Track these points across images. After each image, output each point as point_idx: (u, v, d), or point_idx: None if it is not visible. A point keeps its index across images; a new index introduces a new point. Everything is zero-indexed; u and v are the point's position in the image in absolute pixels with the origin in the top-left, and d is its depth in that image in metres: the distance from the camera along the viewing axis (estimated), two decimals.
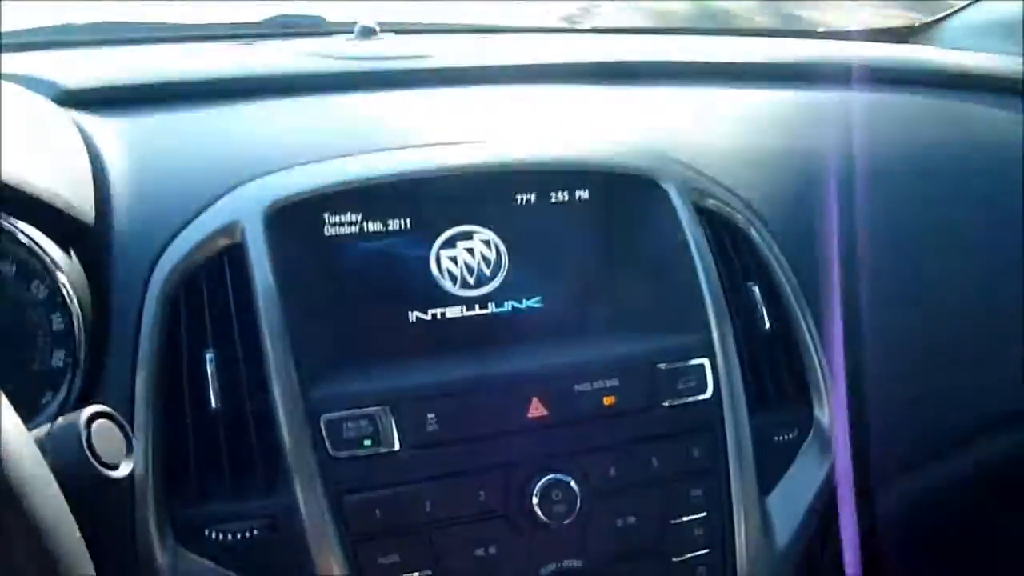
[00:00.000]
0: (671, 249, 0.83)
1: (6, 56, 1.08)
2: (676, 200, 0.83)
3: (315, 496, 0.70)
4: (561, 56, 1.14)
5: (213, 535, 0.71)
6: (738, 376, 0.81)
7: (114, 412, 0.56)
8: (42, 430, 0.55)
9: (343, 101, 0.96)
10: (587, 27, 1.55)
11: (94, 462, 0.53)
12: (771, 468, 0.84)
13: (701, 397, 0.79)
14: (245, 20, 1.33)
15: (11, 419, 0.42)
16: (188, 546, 0.71)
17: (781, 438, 0.85)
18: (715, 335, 0.80)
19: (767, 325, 0.86)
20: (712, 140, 0.97)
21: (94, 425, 0.55)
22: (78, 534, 0.44)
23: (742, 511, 0.79)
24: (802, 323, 0.87)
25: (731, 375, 0.80)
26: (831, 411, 0.86)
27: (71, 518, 0.44)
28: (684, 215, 0.83)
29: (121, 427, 0.57)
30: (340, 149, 0.83)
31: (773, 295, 0.87)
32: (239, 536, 0.71)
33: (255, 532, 0.71)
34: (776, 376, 0.86)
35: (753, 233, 0.88)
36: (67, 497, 0.45)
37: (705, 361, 0.80)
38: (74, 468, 0.51)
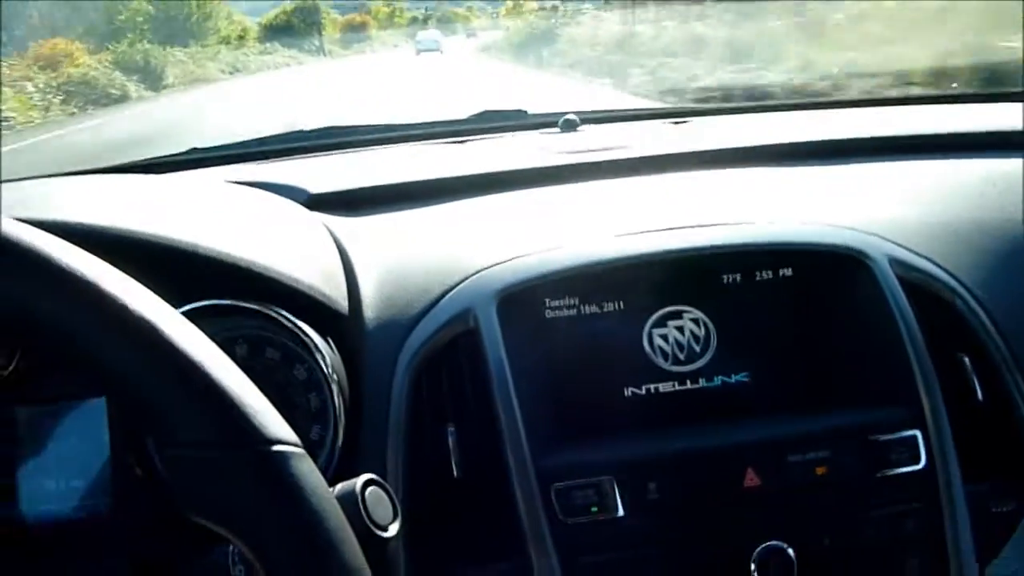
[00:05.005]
0: (878, 323, 0.85)
1: (252, 166, 1.24)
2: (881, 274, 0.86)
3: (548, 559, 0.76)
4: (754, 137, 1.19)
5: None
6: (951, 447, 0.82)
7: (382, 480, 0.64)
8: None
9: (557, 193, 1.04)
10: (775, 104, 1.58)
11: (371, 524, 0.60)
12: (990, 540, 0.83)
13: (914, 468, 0.81)
14: (453, 118, 1.46)
15: (320, 483, 0.50)
16: None
17: (999, 509, 0.85)
18: (926, 406, 0.82)
19: (979, 395, 0.86)
20: (911, 213, 0.99)
21: (367, 491, 0.62)
22: None
23: None
24: (1015, 392, 0.87)
25: (944, 446, 0.81)
26: None
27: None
28: (890, 289, 0.85)
29: (388, 493, 0.64)
30: (558, 239, 0.91)
31: (985, 365, 0.88)
32: None
33: None
34: (992, 446, 0.86)
35: (959, 304, 0.89)
36: None
37: (917, 433, 0.81)
38: (356, 529, 0.58)
